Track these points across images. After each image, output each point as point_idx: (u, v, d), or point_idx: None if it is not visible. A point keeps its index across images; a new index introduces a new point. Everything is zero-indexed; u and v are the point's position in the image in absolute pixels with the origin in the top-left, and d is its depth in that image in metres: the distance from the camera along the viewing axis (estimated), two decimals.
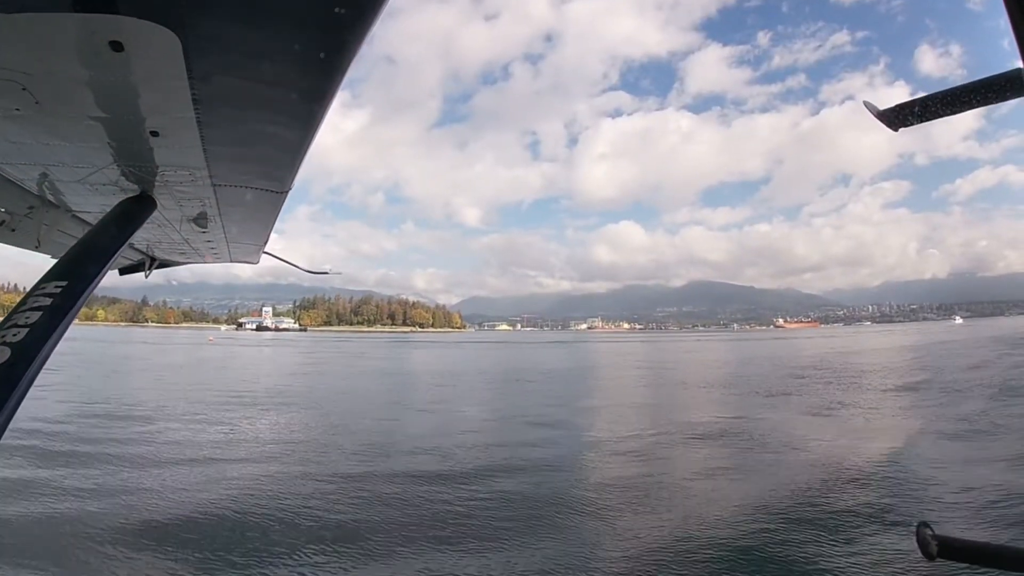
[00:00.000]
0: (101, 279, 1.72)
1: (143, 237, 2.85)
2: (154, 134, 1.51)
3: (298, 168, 1.82)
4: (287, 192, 2.08)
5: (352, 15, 1.02)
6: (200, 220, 2.41)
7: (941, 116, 1.29)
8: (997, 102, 1.21)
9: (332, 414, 19.50)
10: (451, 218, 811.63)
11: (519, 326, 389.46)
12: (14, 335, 1.33)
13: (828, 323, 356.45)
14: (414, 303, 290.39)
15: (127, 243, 1.97)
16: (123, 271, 3.65)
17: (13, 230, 2.21)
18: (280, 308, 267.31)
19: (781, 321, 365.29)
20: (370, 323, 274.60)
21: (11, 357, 1.29)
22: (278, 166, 1.83)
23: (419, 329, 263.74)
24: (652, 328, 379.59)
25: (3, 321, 1.40)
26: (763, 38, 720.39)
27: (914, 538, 1.42)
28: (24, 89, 1.24)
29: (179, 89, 1.25)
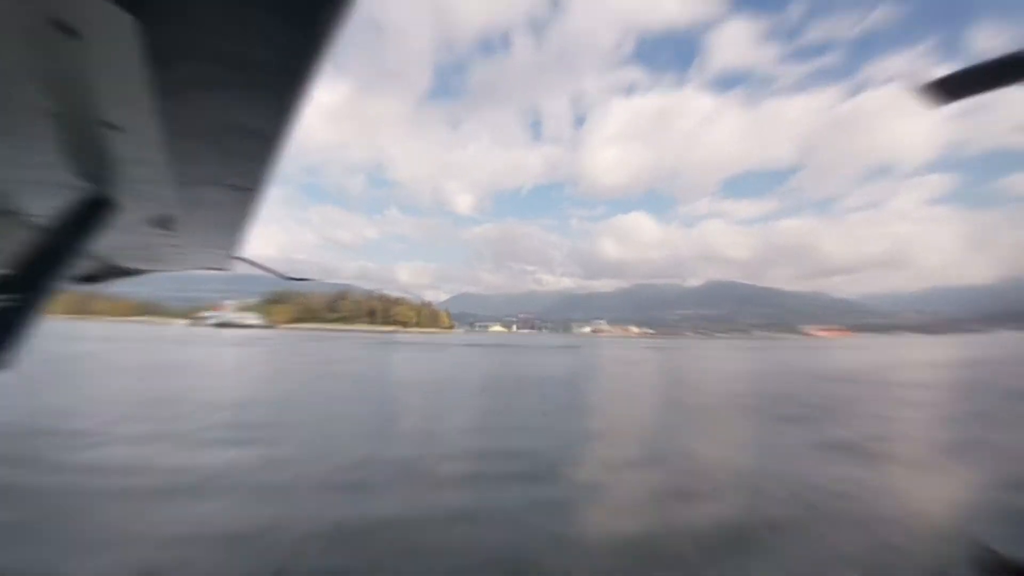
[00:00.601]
0: (58, 290, 1.68)
1: (102, 243, 2.63)
2: (111, 127, 1.41)
3: (273, 164, 1.73)
4: (258, 190, 1.97)
5: None
6: (165, 223, 2.32)
7: (990, 89, 1.17)
8: None
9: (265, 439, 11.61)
10: (441, 205, 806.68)
11: (514, 327, 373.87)
12: None
13: (861, 332, 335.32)
14: (397, 299, 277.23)
15: (84, 249, 1.87)
16: (81, 280, 3.54)
17: None
18: (249, 301, 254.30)
19: (812, 329, 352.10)
20: (347, 320, 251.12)
21: None
22: (250, 161, 1.74)
23: (402, 328, 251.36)
24: (665, 333, 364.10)
25: None
26: (796, 10, 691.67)
27: (967, 554, 1.40)
28: None
29: (138, 76, 1.16)
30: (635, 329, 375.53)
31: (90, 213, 1.82)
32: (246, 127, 1.46)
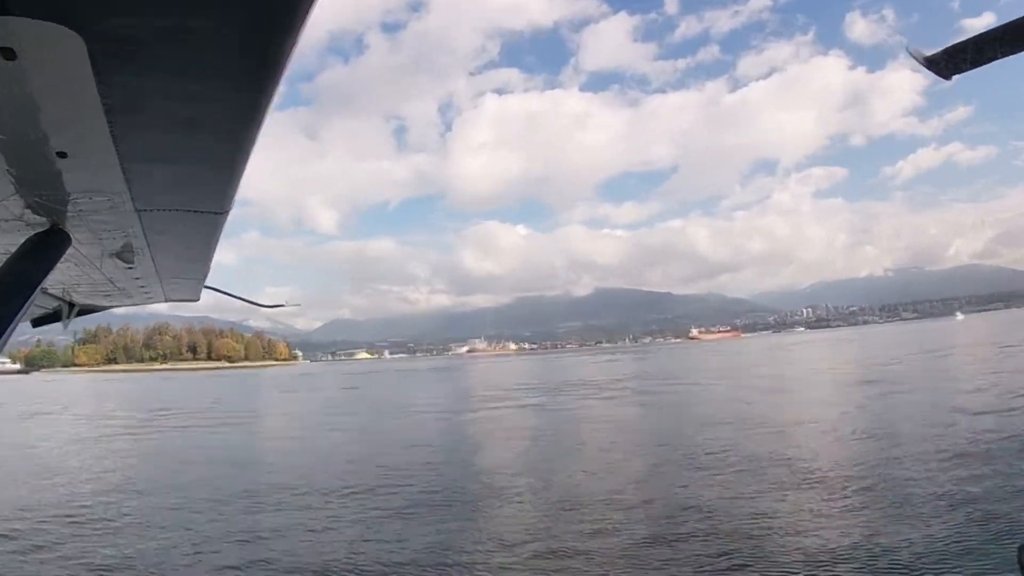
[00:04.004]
0: (11, 334, 1.63)
1: (58, 280, 2.72)
2: (61, 155, 1.39)
3: (237, 184, 1.74)
4: (226, 213, 1.99)
5: None
6: (125, 254, 2.31)
7: (1001, 56, 1.23)
8: None
9: None
10: (302, 223, 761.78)
11: (386, 353, 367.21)
12: None
13: (755, 331, 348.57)
14: (221, 332, 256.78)
15: (38, 288, 1.84)
16: (36, 322, 3.65)
17: None
18: (62, 340, 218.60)
19: (695, 332, 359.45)
20: (164, 359, 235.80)
21: None
22: (213, 183, 1.74)
23: (228, 364, 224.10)
24: (548, 348, 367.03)
25: None
26: (670, 5, 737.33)
27: (1016, 561, 1.43)
28: None
29: (88, 99, 1.15)
30: (513, 346, 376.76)
31: (43, 248, 1.79)
32: (205, 148, 1.42)
